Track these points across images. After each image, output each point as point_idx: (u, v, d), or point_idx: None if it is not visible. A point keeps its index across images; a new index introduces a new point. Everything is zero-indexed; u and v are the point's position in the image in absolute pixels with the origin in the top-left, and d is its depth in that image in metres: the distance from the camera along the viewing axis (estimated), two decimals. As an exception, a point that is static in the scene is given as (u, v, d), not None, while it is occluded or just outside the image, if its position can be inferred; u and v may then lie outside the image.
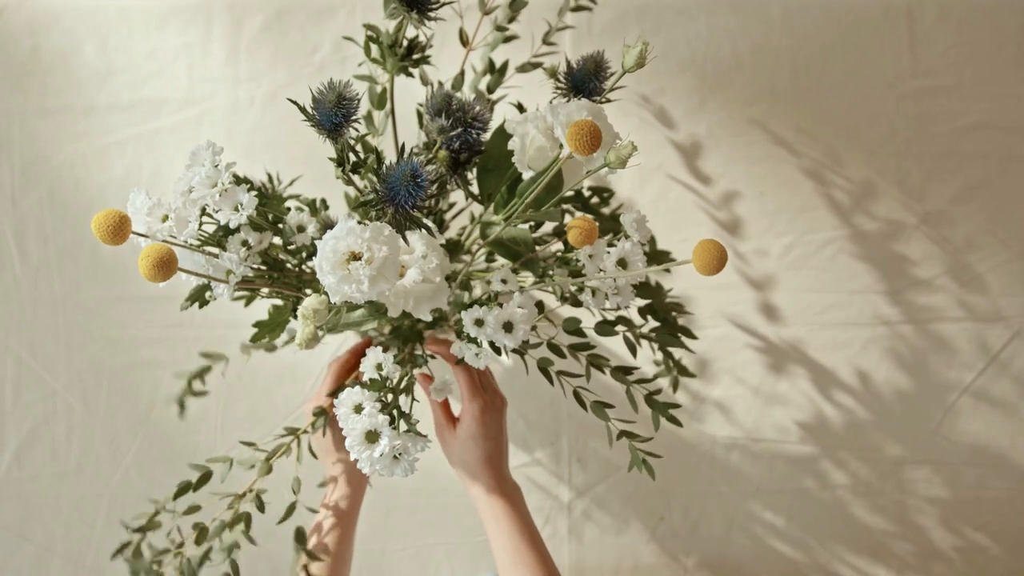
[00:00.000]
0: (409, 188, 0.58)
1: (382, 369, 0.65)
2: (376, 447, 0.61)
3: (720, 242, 0.52)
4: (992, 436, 1.09)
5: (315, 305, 0.59)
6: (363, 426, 0.61)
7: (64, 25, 1.04)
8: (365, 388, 0.64)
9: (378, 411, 0.62)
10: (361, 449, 0.61)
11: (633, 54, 0.58)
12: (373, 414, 0.62)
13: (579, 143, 0.53)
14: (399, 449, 0.62)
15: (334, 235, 0.55)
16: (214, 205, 0.61)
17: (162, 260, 0.52)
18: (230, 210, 0.61)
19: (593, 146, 0.53)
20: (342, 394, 0.64)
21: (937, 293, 1.08)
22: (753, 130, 1.07)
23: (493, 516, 0.74)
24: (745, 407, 1.09)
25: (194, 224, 0.61)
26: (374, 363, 0.66)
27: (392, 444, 0.61)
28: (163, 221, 0.61)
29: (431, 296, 0.62)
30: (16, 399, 1.07)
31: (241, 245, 0.65)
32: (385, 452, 0.61)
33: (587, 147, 0.53)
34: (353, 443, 0.61)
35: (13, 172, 1.05)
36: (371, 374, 0.66)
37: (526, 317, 0.63)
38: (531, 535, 0.74)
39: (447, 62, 0.89)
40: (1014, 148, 1.07)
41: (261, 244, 0.66)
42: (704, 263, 0.52)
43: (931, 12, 1.06)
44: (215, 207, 0.61)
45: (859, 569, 1.10)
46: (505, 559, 0.73)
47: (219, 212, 0.61)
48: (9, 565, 1.08)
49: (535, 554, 0.72)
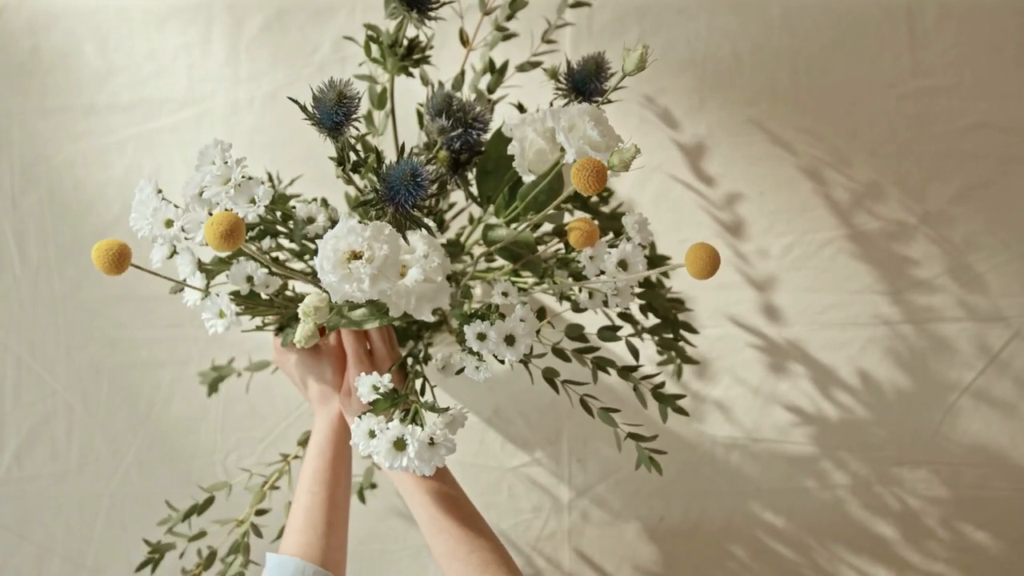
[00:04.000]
0: (409, 187, 0.58)
1: (379, 388, 0.65)
2: (406, 452, 0.61)
3: (712, 245, 0.52)
4: (992, 436, 1.09)
5: (315, 303, 0.59)
6: (386, 443, 0.61)
7: (64, 25, 1.04)
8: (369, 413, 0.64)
9: (398, 422, 0.62)
10: (394, 458, 0.61)
11: (633, 57, 0.59)
12: (384, 430, 0.62)
13: (585, 183, 0.52)
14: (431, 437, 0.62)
15: (335, 234, 0.55)
16: (229, 201, 0.60)
17: (231, 229, 0.50)
18: (245, 203, 0.60)
19: (599, 185, 0.52)
20: (352, 427, 0.64)
21: (937, 293, 1.08)
22: (753, 130, 1.07)
23: (398, 478, 0.73)
24: (745, 407, 1.09)
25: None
26: (370, 386, 0.66)
27: (419, 443, 0.61)
28: (167, 227, 0.61)
29: (432, 296, 0.62)
30: (16, 399, 1.07)
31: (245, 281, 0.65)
32: (417, 450, 0.61)
33: (592, 187, 0.52)
34: (386, 460, 0.62)
35: (13, 172, 1.05)
36: (370, 397, 0.66)
37: (527, 329, 0.63)
38: (444, 495, 0.72)
39: (447, 62, 0.89)
40: (1014, 148, 1.07)
41: (268, 287, 0.66)
42: (697, 268, 0.52)
43: (931, 12, 1.06)
44: (230, 203, 0.60)
45: (859, 569, 1.10)
46: (425, 517, 0.71)
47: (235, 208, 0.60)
48: (9, 565, 1.08)
49: (456, 514, 0.71)
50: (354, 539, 0.96)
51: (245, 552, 0.77)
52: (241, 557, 0.77)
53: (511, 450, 1.09)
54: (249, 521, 0.80)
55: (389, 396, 0.65)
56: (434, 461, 0.62)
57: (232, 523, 0.80)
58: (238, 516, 0.82)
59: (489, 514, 1.08)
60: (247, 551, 0.78)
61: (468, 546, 0.68)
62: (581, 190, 0.53)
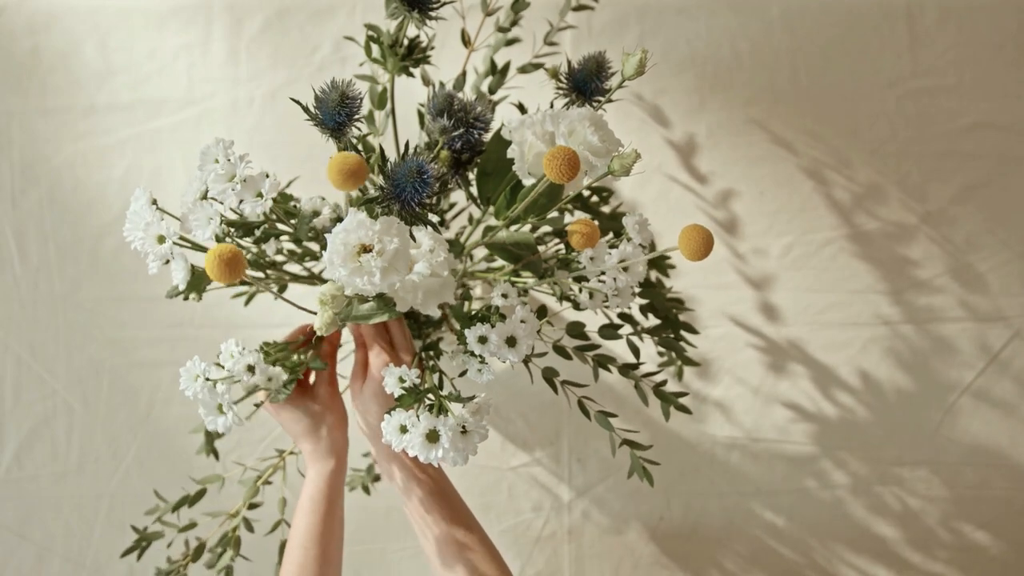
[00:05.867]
0: (415, 184, 0.58)
1: (405, 381, 0.65)
2: (439, 443, 0.60)
3: (705, 227, 0.52)
4: (992, 436, 1.09)
5: (332, 291, 0.59)
6: (419, 436, 0.61)
7: (64, 25, 1.04)
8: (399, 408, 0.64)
9: (428, 413, 0.62)
10: (429, 450, 0.61)
11: (633, 62, 0.58)
12: (416, 424, 0.61)
13: (558, 171, 0.52)
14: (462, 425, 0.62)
15: (344, 228, 0.55)
16: (235, 198, 0.59)
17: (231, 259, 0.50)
18: (253, 197, 0.59)
19: (571, 173, 0.52)
20: (383, 425, 0.63)
21: (937, 293, 1.08)
22: (753, 130, 1.07)
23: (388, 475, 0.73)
24: (745, 407, 1.09)
25: (215, 221, 0.60)
26: (396, 378, 0.65)
27: (452, 432, 0.60)
28: (159, 243, 0.59)
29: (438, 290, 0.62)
30: (16, 399, 1.07)
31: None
32: (451, 439, 0.60)
33: (565, 175, 0.52)
34: (421, 453, 0.61)
35: (13, 172, 1.05)
36: (398, 391, 0.65)
37: (529, 331, 0.63)
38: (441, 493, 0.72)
39: (448, 62, 0.89)
40: (1014, 148, 1.07)
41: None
42: (691, 249, 0.52)
43: (931, 12, 1.06)
44: (237, 199, 0.59)
45: (859, 569, 1.10)
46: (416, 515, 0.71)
47: (241, 204, 0.60)
48: (9, 565, 1.08)
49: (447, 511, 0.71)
50: (354, 539, 0.96)
51: (235, 546, 0.77)
52: (231, 551, 0.76)
53: (511, 450, 1.09)
54: (241, 515, 0.79)
55: (413, 391, 0.64)
56: (468, 449, 0.62)
57: (223, 516, 0.80)
58: (229, 510, 0.82)
59: (489, 514, 1.09)
60: (237, 545, 0.77)
61: (456, 547, 0.68)
62: (554, 178, 0.53)
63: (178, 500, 0.82)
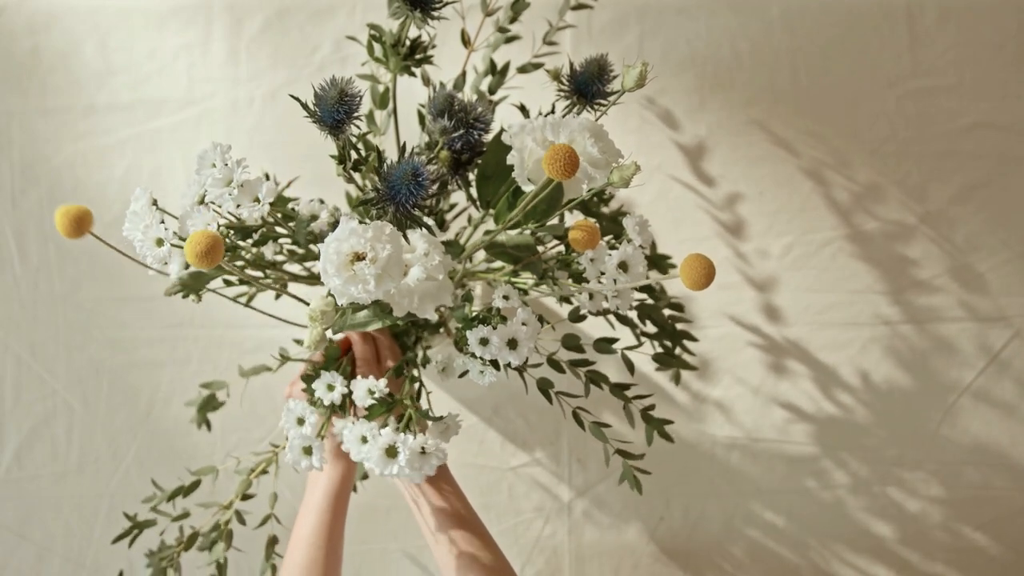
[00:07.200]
0: (410, 187, 0.58)
1: (375, 393, 0.65)
2: (397, 459, 0.61)
3: (707, 256, 0.53)
4: (992, 436, 1.09)
5: (322, 307, 0.59)
6: (377, 450, 0.61)
7: (64, 25, 1.04)
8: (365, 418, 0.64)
9: (389, 429, 0.62)
10: (386, 465, 0.62)
11: (633, 74, 0.58)
12: (376, 436, 0.62)
13: (555, 168, 0.53)
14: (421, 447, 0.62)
15: (336, 237, 0.55)
16: (233, 202, 0.59)
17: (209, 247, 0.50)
18: (250, 202, 0.59)
19: (570, 171, 0.53)
20: (345, 431, 0.64)
21: (937, 293, 1.08)
22: (753, 130, 1.07)
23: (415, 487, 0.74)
24: (745, 407, 1.09)
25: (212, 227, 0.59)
26: (365, 390, 0.66)
27: (411, 451, 0.61)
28: (158, 246, 0.60)
29: (435, 294, 0.61)
30: (16, 399, 1.07)
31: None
32: (408, 458, 0.61)
33: (564, 172, 0.53)
34: (377, 467, 0.62)
35: (13, 172, 1.05)
36: (365, 402, 0.66)
37: (530, 333, 0.63)
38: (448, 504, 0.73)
39: (448, 62, 0.89)
40: (1014, 148, 1.07)
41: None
42: (693, 279, 0.53)
43: (931, 12, 1.06)
44: (234, 203, 0.59)
45: (859, 569, 1.10)
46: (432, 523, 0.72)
47: (238, 208, 0.60)
48: (9, 565, 1.08)
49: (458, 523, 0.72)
50: (354, 539, 0.96)
51: (227, 539, 0.77)
52: (223, 543, 0.76)
53: (511, 450, 1.09)
54: (234, 507, 0.79)
55: (384, 401, 0.65)
56: (424, 470, 0.63)
57: (217, 507, 0.80)
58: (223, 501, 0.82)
59: (489, 514, 1.09)
60: (229, 537, 0.77)
61: (468, 558, 0.69)
62: (554, 176, 0.53)
63: (172, 490, 0.82)
